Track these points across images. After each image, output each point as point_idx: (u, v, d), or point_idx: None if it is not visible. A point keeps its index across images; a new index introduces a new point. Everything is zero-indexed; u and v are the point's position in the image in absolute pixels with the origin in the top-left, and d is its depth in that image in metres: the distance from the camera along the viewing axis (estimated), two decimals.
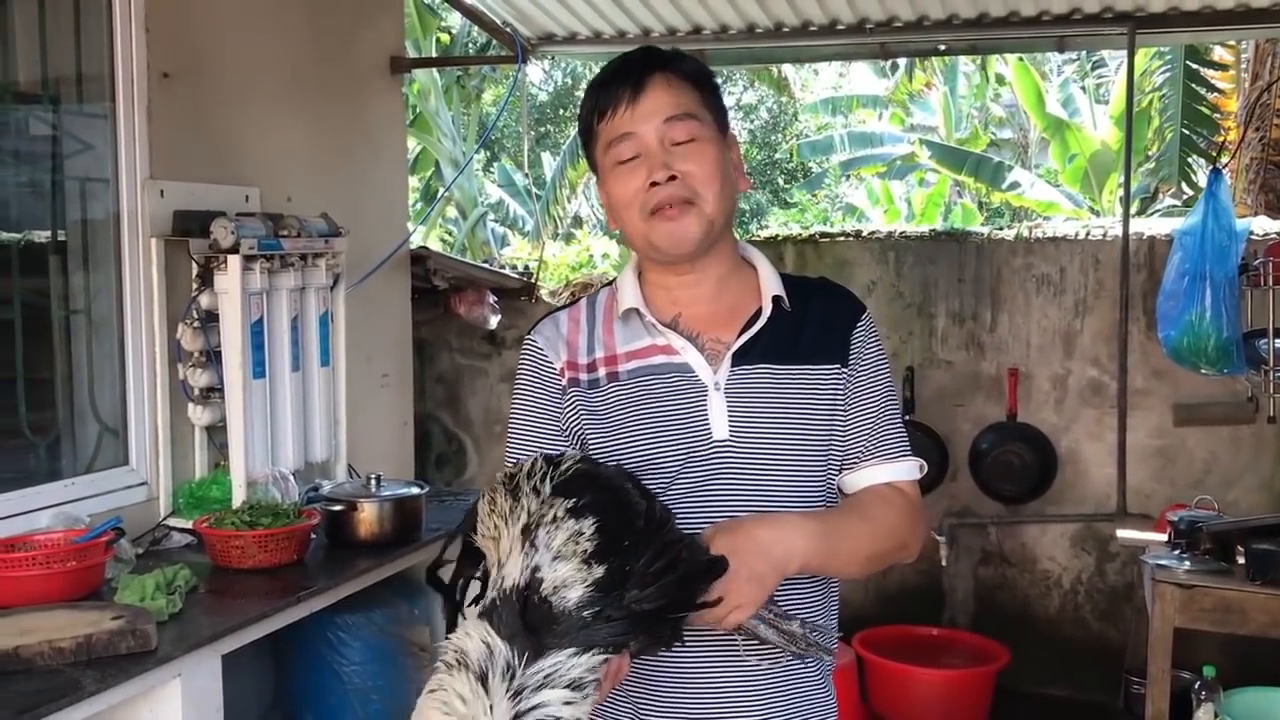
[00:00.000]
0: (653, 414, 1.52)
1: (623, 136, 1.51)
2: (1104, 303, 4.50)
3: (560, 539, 1.25)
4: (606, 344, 1.58)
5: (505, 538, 1.29)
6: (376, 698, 3.48)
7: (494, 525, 1.31)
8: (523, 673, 1.18)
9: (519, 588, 1.23)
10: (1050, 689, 4.51)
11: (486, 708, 1.16)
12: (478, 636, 1.20)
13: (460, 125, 11.16)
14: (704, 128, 1.52)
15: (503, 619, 1.21)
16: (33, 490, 2.92)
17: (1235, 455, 4.35)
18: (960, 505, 4.72)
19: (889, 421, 1.57)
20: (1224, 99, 7.96)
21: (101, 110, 3.16)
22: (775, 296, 1.56)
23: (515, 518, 1.29)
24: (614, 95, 1.52)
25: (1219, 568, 3.31)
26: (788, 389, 1.52)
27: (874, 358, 1.58)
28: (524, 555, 1.25)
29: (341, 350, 3.57)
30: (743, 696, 1.49)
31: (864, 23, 4.58)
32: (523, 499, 1.30)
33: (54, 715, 2.10)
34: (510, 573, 1.25)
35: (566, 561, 1.23)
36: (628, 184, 1.52)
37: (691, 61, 1.58)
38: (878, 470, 1.55)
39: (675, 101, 1.51)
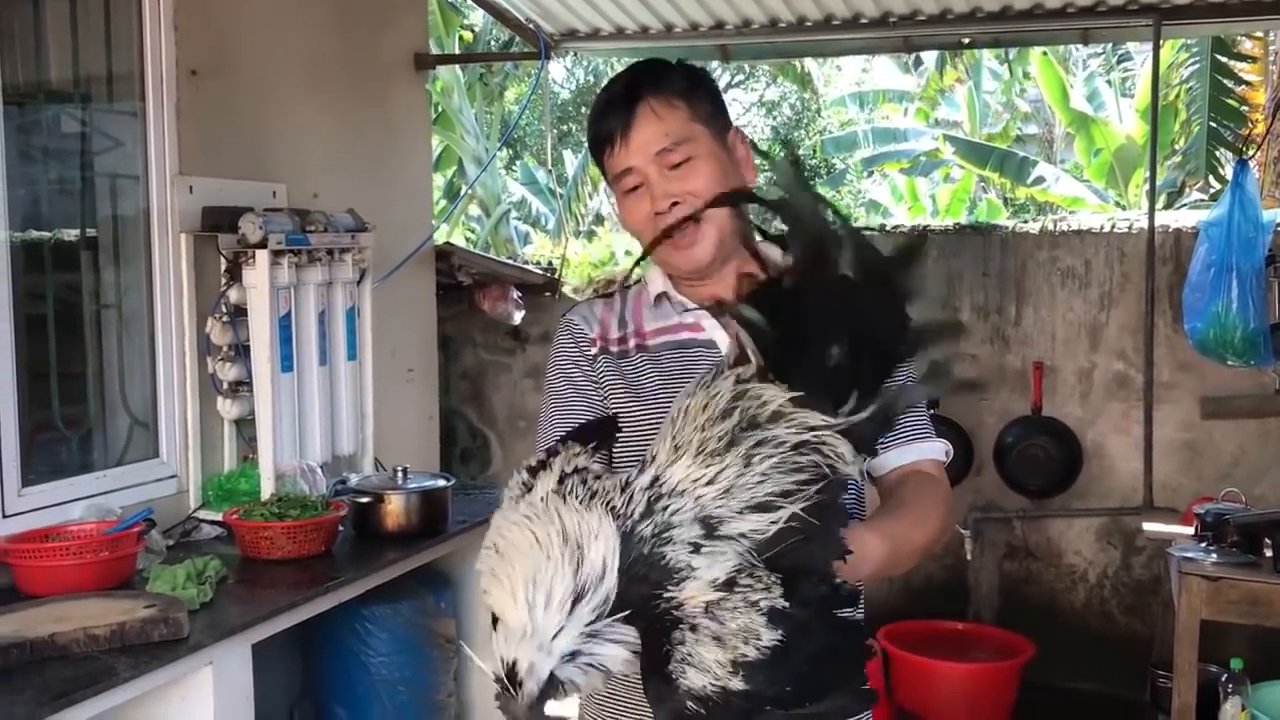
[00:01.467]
0: (678, 385, 1.54)
1: (623, 171, 1.58)
2: (1129, 295, 4.49)
3: (737, 623, 1.06)
4: (637, 323, 1.66)
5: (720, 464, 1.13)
6: (404, 689, 3.51)
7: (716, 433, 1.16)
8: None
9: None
10: (1076, 683, 4.50)
11: (558, 621, 1.05)
12: (606, 537, 1.06)
13: (483, 123, 11.20)
14: (698, 144, 1.56)
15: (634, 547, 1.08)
16: (66, 482, 2.97)
17: (1263, 448, 4.33)
18: (985, 499, 4.71)
19: (913, 405, 1.59)
20: (1252, 91, 7.91)
21: (131, 108, 3.21)
22: None
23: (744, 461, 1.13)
24: (607, 131, 1.58)
25: (1246, 560, 3.30)
26: None
27: None
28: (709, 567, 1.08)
29: (368, 344, 3.60)
30: None
31: (887, 16, 4.57)
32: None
33: (90, 700, 2.13)
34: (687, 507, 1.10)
35: (719, 648, 1.06)
36: (635, 212, 1.59)
37: (678, 75, 1.60)
38: (905, 451, 1.56)
39: (664, 130, 1.55)
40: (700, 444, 1.14)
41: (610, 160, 1.60)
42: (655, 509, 1.09)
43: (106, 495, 3.03)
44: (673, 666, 1.06)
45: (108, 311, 3.24)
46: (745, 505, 1.09)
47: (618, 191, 1.62)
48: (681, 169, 1.55)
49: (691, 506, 1.09)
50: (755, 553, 1.08)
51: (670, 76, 1.60)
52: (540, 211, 14.05)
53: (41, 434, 3.03)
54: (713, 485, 1.10)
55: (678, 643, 1.05)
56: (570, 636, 1.04)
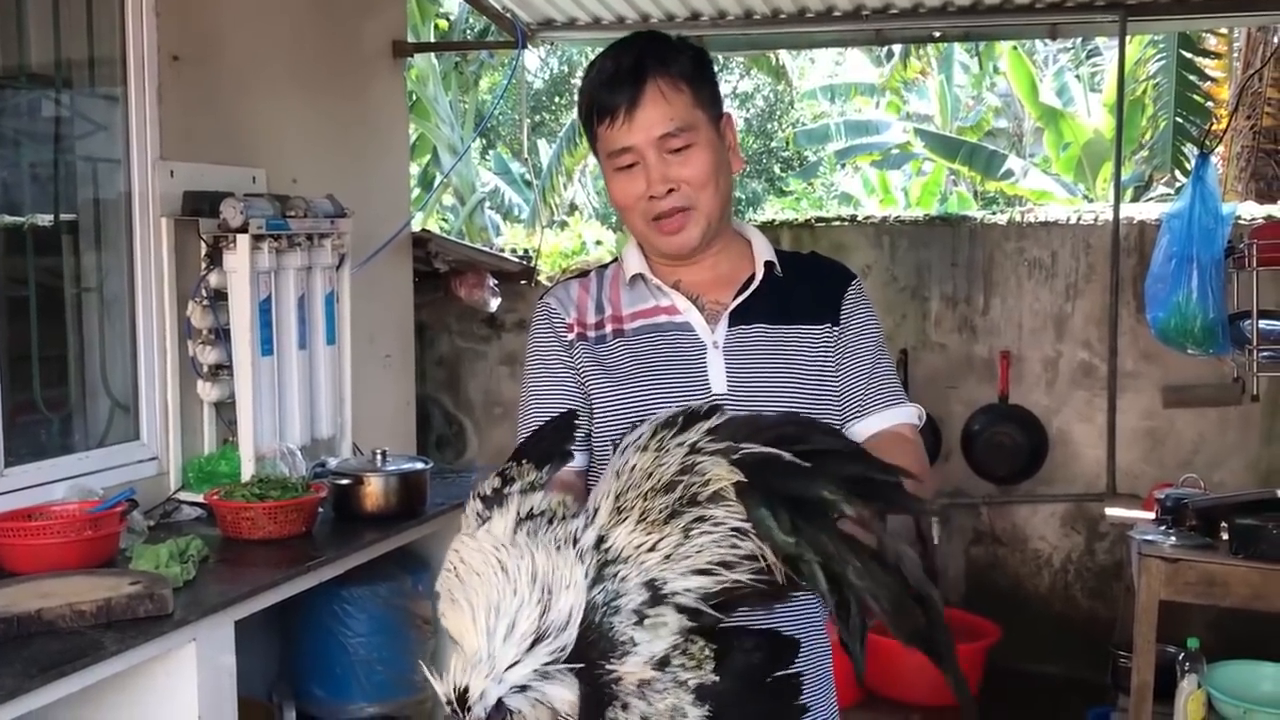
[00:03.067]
0: (655, 369, 1.60)
1: (621, 149, 1.58)
2: (1094, 286, 4.59)
3: (665, 704, 1.07)
4: (613, 305, 1.67)
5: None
6: (381, 668, 3.56)
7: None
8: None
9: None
10: (1040, 666, 4.59)
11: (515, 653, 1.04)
12: (577, 582, 1.08)
13: (458, 112, 11.22)
14: (698, 131, 1.58)
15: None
16: (48, 463, 3.00)
17: (1222, 436, 4.44)
18: (952, 486, 4.81)
19: (885, 372, 1.65)
20: (1216, 87, 8.05)
21: (113, 92, 3.23)
22: (768, 262, 1.65)
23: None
24: (611, 105, 1.57)
25: (1204, 542, 3.38)
26: (781, 346, 1.61)
27: (864, 317, 1.66)
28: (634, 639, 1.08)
29: (347, 329, 3.64)
30: None
31: (860, 9, 4.65)
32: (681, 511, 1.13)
33: (77, 674, 2.17)
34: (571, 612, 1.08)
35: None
36: (628, 190, 1.60)
37: (685, 58, 1.60)
38: (882, 416, 1.61)
39: (669, 114, 1.56)
40: (643, 512, 1.12)
41: (608, 133, 1.59)
42: (605, 575, 1.09)
43: (88, 476, 3.06)
44: None
45: (89, 295, 3.26)
46: (688, 570, 1.10)
47: (609, 166, 1.62)
48: (680, 154, 1.57)
49: (637, 574, 1.10)
50: (697, 612, 1.09)
51: (678, 57, 1.59)
52: (513, 201, 14.08)
53: (23, 415, 3.05)
54: (655, 552, 1.10)
55: (609, 718, 1.06)
56: (524, 671, 1.04)
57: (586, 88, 1.62)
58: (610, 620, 1.07)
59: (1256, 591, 3.25)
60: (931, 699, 4.30)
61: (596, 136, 1.62)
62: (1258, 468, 4.38)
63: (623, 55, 1.59)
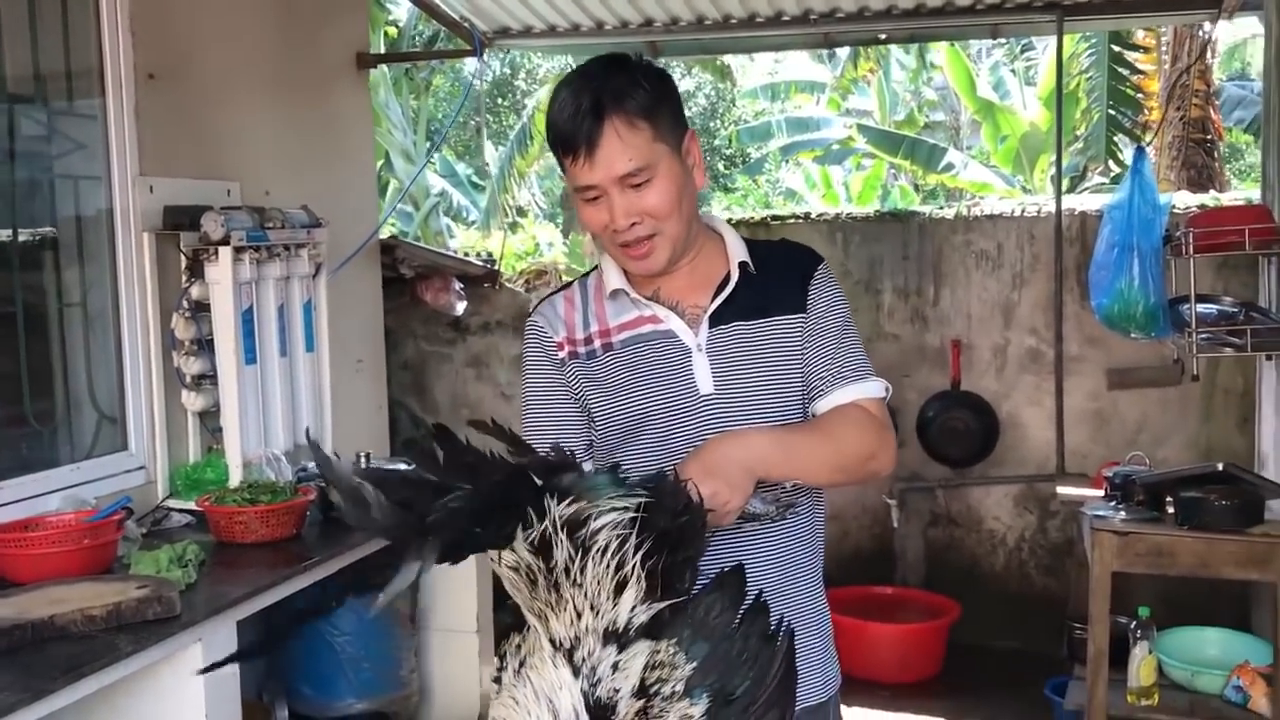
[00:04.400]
0: (645, 377, 1.71)
1: (586, 186, 1.64)
2: (1039, 275, 4.78)
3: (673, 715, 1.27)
4: (600, 319, 1.77)
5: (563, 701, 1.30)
6: (368, 665, 3.67)
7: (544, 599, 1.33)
8: None
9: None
10: (999, 641, 4.77)
11: None
12: (568, 697, 1.27)
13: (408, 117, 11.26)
14: (658, 165, 1.63)
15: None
16: (41, 475, 3.08)
17: (1164, 415, 4.65)
18: (909, 471, 4.98)
19: (849, 350, 1.74)
20: (1147, 80, 8.33)
21: (92, 111, 3.30)
22: (741, 262, 1.75)
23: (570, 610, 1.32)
24: (572, 143, 1.62)
25: (1151, 516, 3.56)
26: (760, 341, 1.72)
27: (830, 299, 1.76)
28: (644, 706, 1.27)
29: (325, 336, 3.73)
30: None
31: (808, 14, 4.80)
32: (569, 595, 1.31)
33: (96, 675, 2.27)
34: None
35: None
36: (595, 218, 1.68)
37: (643, 91, 1.63)
38: (844, 392, 1.71)
39: (628, 155, 1.61)
40: (548, 603, 1.32)
41: (572, 168, 1.64)
42: (576, 661, 1.29)
43: (79, 487, 3.14)
44: None
45: (73, 310, 3.33)
46: (610, 598, 1.29)
47: (578, 196, 1.68)
48: (641, 189, 1.63)
49: (594, 640, 1.29)
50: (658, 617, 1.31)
51: (635, 91, 1.62)
52: (461, 204, 14.12)
53: (13, 429, 3.12)
54: (583, 616, 1.29)
55: None
56: None
57: (550, 120, 1.66)
58: (597, 693, 1.28)
59: (1202, 560, 3.44)
60: (898, 676, 4.47)
61: (563, 166, 1.69)
62: (1198, 444, 4.59)
63: (582, 93, 1.61)
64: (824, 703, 1.79)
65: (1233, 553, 3.41)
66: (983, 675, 4.54)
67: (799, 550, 1.76)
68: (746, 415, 1.69)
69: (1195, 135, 7.89)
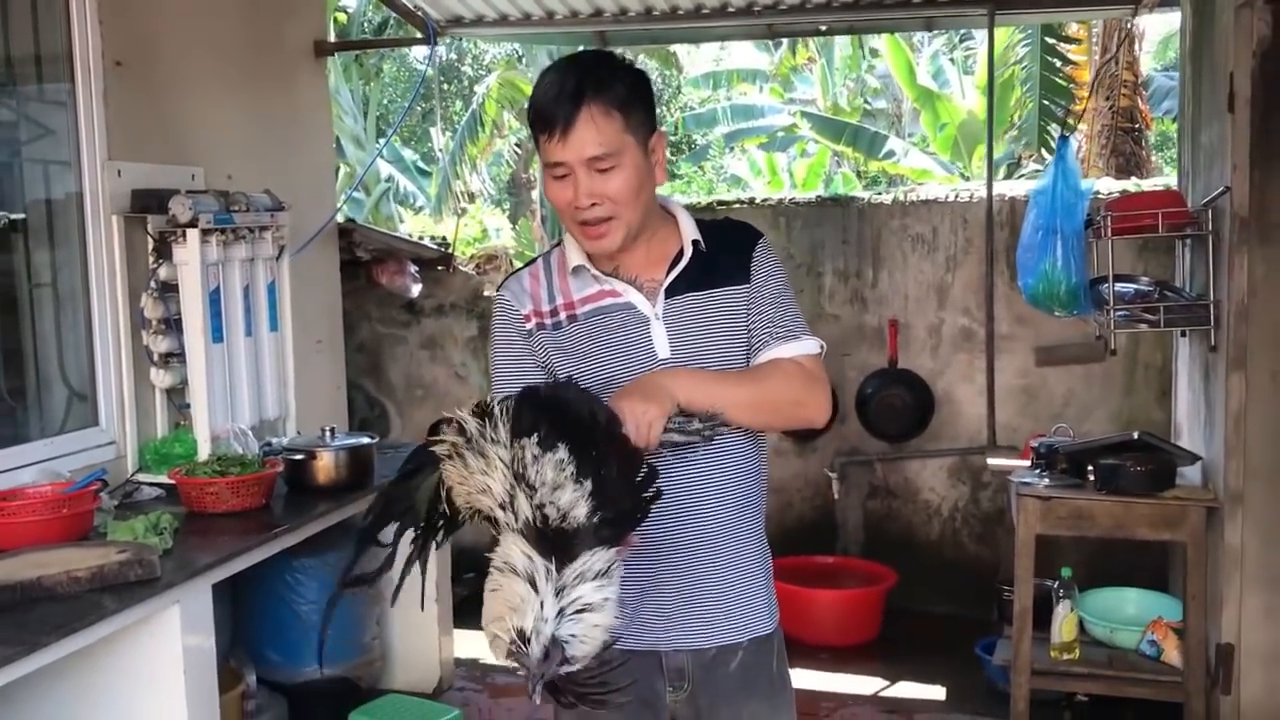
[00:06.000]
0: (608, 345, 1.89)
1: (556, 163, 1.80)
2: (972, 258, 5.01)
3: (550, 472, 1.51)
4: (564, 293, 1.94)
5: (495, 483, 1.54)
6: (332, 632, 3.81)
7: (478, 481, 1.56)
8: (559, 575, 1.49)
9: (534, 522, 1.51)
10: (934, 606, 5.01)
11: (538, 603, 1.47)
12: (519, 550, 1.51)
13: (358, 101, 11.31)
14: (624, 154, 1.79)
15: (531, 543, 1.52)
16: (15, 450, 3.20)
17: (1089, 390, 4.91)
18: (849, 445, 5.20)
19: (785, 312, 1.93)
20: (1078, 70, 8.61)
21: (61, 97, 3.41)
22: (694, 240, 1.94)
23: (491, 469, 1.54)
24: (548, 123, 1.78)
25: (1073, 483, 3.79)
26: (710, 310, 1.91)
27: (769, 269, 1.95)
28: (526, 495, 1.51)
29: (288, 316, 3.87)
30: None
31: (752, 5, 4.97)
32: (484, 446, 1.56)
33: (84, 631, 2.41)
34: (522, 510, 1.52)
35: (563, 489, 1.51)
36: (560, 195, 1.84)
37: (622, 85, 1.80)
38: (779, 349, 1.90)
39: (599, 140, 1.77)
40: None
41: (546, 145, 1.80)
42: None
43: (52, 461, 3.25)
44: None
45: (44, 290, 3.45)
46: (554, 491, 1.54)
47: (547, 173, 1.84)
48: (606, 174, 1.79)
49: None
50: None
51: (614, 84, 1.79)
52: (408, 189, 14.19)
53: None
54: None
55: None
56: (552, 610, 1.48)
57: (533, 99, 1.83)
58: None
59: (1118, 522, 3.69)
60: (838, 640, 4.69)
61: (538, 143, 1.86)
62: (1120, 417, 4.84)
63: (567, 77, 1.79)
64: (770, 634, 1.98)
65: (1146, 515, 3.66)
66: (918, 638, 4.77)
67: (741, 493, 1.95)
68: None
69: (1124, 124, 8.20)
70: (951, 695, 4.21)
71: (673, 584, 1.90)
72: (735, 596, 1.93)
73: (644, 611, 1.89)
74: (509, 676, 4.32)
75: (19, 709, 2.85)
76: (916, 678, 4.38)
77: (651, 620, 1.90)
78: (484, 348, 5.37)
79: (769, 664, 1.98)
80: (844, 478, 5.16)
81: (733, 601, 1.93)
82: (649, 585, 1.89)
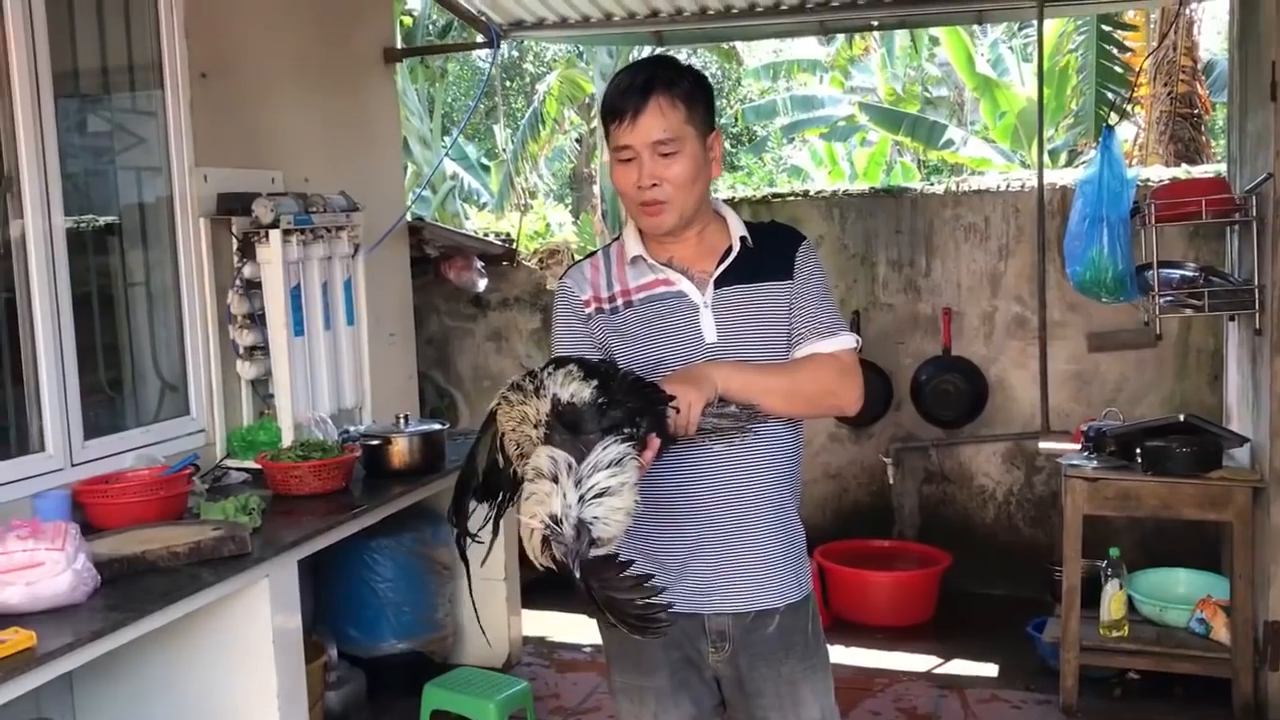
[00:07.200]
0: (661, 329, 2.06)
1: (624, 145, 2.03)
2: (1024, 246, 5.10)
3: (559, 377, 1.78)
4: (621, 281, 2.12)
5: (530, 409, 1.79)
6: (408, 609, 4.04)
7: (520, 412, 1.81)
8: (578, 467, 1.69)
9: (549, 411, 1.75)
10: (988, 588, 5.11)
11: (562, 494, 1.67)
12: (545, 454, 1.71)
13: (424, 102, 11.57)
14: (685, 142, 1.99)
15: (552, 436, 1.73)
16: (117, 436, 3.45)
17: (1141, 375, 4.98)
18: (904, 432, 5.31)
19: (824, 309, 2.10)
20: (1135, 58, 8.59)
21: (151, 107, 3.64)
22: (741, 236, 2.11)
23: (530, 393, 1.80)
24: (620, 109, 1.99)
25: (1121, 464, 3.89)
26: (755, 302, 2.08)
27: (810, 269, 2.12)
28: (542, 399, 1.77)
29: (364, 310, 4.08)
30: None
31: (805, 3, 5.09)
32: (527, 382, 1.82)
33: (186, 599, 2.63)
34: (542, 409, 1.77)
35: (570, 383, 1.77)
36: (625, 177, 2.05)
37: (687, 82, 2.02)
38: (818, 344, 2.07)
39: (664, 126, 1.97)
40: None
41: (616, 131, 2.00)
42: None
43: (149, 448, 3.49)
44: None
45: (137, 289, 3.69)
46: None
47: (614, 157, 2.04)
48: (668, 159, 1.99)
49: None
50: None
51: (680, 78, 2.01)
52: (472, 186, 14.45)
53: (90, 396, 3.47)
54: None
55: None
56: (574, 496, 1.67)
57: (607, 94, 2.04)
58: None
59: (1164, 502, 3.79)
60: (894, 621, 4.82)
61: (609, 132, 2.07)
62: (1172, 401, 4.90)
63: (638, 73, 2.01)
64: (804, 599, 2.14)
65: (1192, 495, 3.75)
66: (972, 619, 4.88)
67: (779, 473, 2.11)
68: (743, 360, 2.04)
69: (1182, 110, 8.18)
70: (1004, 672, 4.32)
71: (714, 552, 2.06)
72: (772, 564, 2.09)
73: (688, 575, 2.06)
74: (575, 653, 4.52)
75: (120, 679, 3.09)
76: (969, 656, 4.49)
77: (695, 584, 2.06)
78: (547, 339, 5.56)
79: (804, 626, 2.13)
80: (899, 463, 5.28)
81: (769, 569, 2.08)
82: (693, 551, 2.06)
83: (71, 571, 2.47)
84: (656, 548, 2.07)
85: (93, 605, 2.50)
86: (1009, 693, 4.13)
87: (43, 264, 3.16)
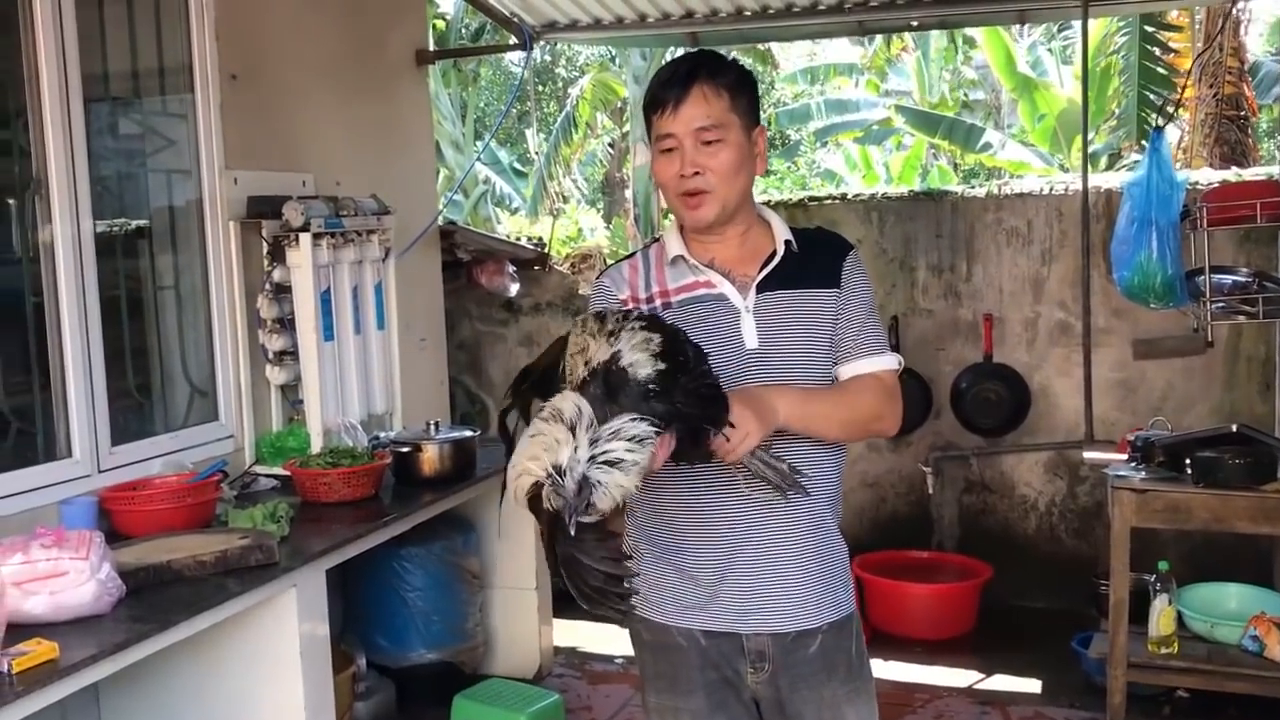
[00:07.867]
0: (700, 332, 1.96)
1: (666, 134, 1.97)
2: (1067, 251, 4.98)
3: (637, 339, 1.69)
4: (659, 282, 2.05)
5: (592, 346, 1.71)
6: (437, 618, 3.98)
7: (584, 342, 1.74)
8: (599, 427, 1.61)
9: (604, 362, 1.66)
10: (1030, 601, 5.00)
11: (573, 446, 1.59)
12: (572, 400, 1.63)
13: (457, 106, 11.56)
14: (729, 131, 1.94)
15: (590, 388, 1.64)
16: (147, 442, 3.41)
17: (1189, 383, 4.85)
18: (944, 440, 5.20)
19: (870, 326, 2.03)
20: (1179, 59, 8.44)
21: (182, 110, 3.60)
22: (785, 240, 2.03)
23: (602, 332, 1.72)
24: (663, 99, 1.95)
25: (1170, 475, 3.77)
26: (798, 308, 2.00)
27: (858, 281, 2.05)
28: (609, 345, 1.69)
29: (394, 315, 4.03)
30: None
31: (843, 3, 5.00)
32: (608, 321, 1.75)
33: (212, 610, 2.58)
34: (598, 356, 1.68)
35: (639, 352, 1.67)
36: (666, 168, 1.98)
37: (731, 71, 1.97)
38: (861, 363, 2.01)
39: (707, 113, 1.92)
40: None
41: (658, 120, 1.96)
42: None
43: (176, 454, 3.45)
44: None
45: (167, 292, 3.65)
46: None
47: (656, 147, 1.99)
48: (711, 147, 1.93)
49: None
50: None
51: (724, 69, 1.96)
52: (505, 191, 14.43)
53: (119, 401, 3.43)
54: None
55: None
56: (585, 454, 1.59)
57: (650, 85, 2.00)
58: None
59: (1215, 515, 3.66)
60: (933, 634, 4.71)
61: (651, 124, 2.01)
62: (1221, 411, 4.77)
63: (681, 63, 1.98)
64: (847, 617, 2.06)
65: (1245, 508, 3.62)
66: (1014, 633, 4.76)
67: (822, 489, 2.03)
68: (783, 368, 1.97)
69: (1229, 112, 8.02)
70: (1047, 688, 4.21)
71: (751, 570, 1.98)
72: (811, 583, 2.01)
73: (724, 593, 1.98)
74: (607, 664, 4.45)
75: (147, 690, 3.05)
76: (1012, 671, 4.38)
77: (732, 602, 1.98)
78: None
79: (848, 647, 2.05)
80: (939, 473, 5.17)
81: (809, 587, 2.00)
82: (729, 568, 1.98)
83: (95, 581, 2.42)
84: (691, 564, 1.99)
85: (117, 616, 2.46)
86: (1053, 709, 4.02)
87: (71, 268, 3.13)
